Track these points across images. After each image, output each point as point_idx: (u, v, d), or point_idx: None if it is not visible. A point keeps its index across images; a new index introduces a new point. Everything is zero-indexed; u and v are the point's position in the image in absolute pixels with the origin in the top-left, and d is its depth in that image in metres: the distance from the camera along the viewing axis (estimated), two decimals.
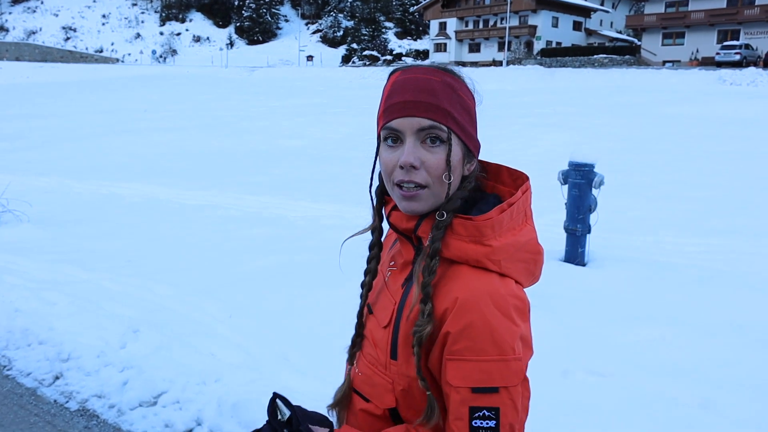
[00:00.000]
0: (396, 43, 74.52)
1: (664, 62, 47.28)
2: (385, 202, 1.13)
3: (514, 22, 58.16)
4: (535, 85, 35.07)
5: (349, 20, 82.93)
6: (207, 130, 19.03)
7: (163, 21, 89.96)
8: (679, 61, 46.58)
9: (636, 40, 57.67)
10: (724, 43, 39.75)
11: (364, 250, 1.17)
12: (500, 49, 58.96)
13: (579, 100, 24.55)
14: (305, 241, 6.73)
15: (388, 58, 61.27)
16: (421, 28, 79.42)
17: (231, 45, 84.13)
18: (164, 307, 4.53)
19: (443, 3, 64.15)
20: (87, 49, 78.87)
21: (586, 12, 61.17)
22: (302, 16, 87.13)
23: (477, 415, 0.94)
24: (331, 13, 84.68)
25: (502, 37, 58.23)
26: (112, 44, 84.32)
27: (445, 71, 1.02)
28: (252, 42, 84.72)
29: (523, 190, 1.05)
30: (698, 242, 6.52)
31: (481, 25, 62.45)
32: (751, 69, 31.15)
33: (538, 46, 56.77)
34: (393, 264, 1.13)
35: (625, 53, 50.20)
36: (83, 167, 13.15)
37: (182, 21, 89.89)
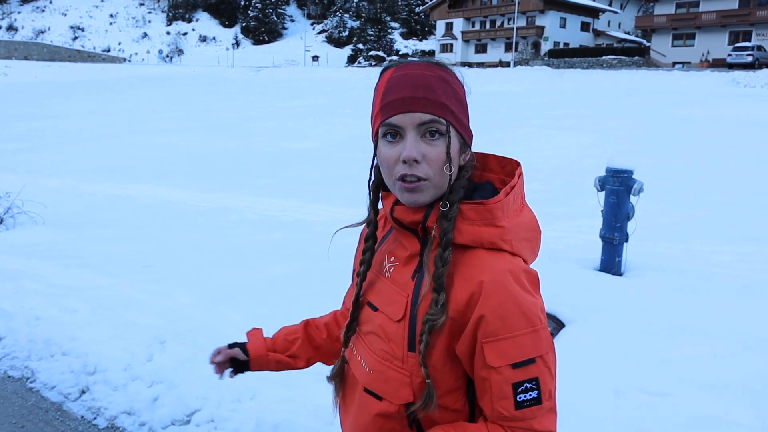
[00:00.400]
0: (401, 44, 74.34)
1: (674, 64, 46.96)
2: (380, 197, 1.17)
3: (522, 22, 57.91)
4: (543, 86, 34.79)
5: (354, 20, 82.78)
6: (215, 132, 18.90)
7: (170, 21, 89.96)
8: (690, 63, 46.24)
9: (645, 41, 57.34)
10: (736, 45, 39.42)
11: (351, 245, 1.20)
12: (507, 50, 58.71)
13: (589, 102, 24.31)
14: (324, 246, 6.57)
15: (394, 58, 61.12)
16: (427, 29, 79.21)
17: (237, 45, 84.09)
18: (188, 316, 4.38)
19: (450, 3, 63.92)
20: (94, 48, 78.93)
21: (595, 13, 60.87)
22: (308, 16, 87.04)
23: (520, 390, 0.98)
24: (337, 14, 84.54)
25: (509, 38, 57.98)
26: (120, 44, 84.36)
27: (438, 65, 1.05)
28: (258, 42, 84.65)
29: (518, 174, 1.10)
30: (731, 250, 6.33)
31: (488, 26, 62.20)
32: (765, 71, 30.80)
33: (546, 47, 56.50)
34: (393, 259, 1.14)
35: (634, 54, 49.85)
36: (94, 168, 13.03)
37: (189, 21, 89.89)
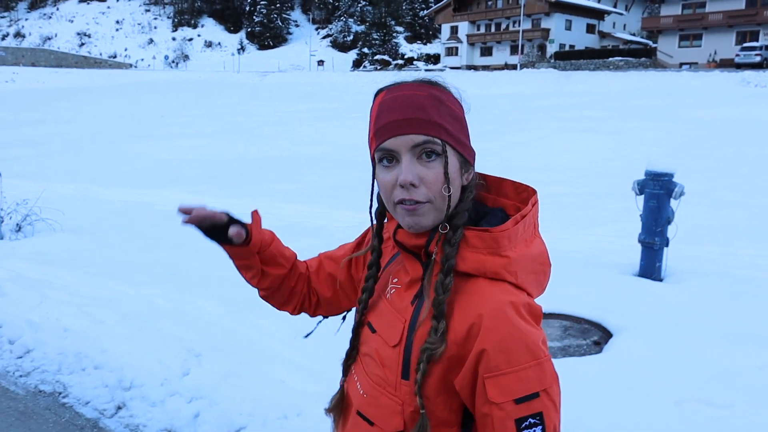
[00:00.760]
0: (406, 48, 74.32)
1: (681, 64, 46.73)
2: (383, 223, 1.16)
3: (527, 25, 57.77)
4: (551, 88, 34.63)
5: (359, 25, 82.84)
6: (227, 136, 18.81)
7: (176, 27, 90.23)
8: (697, 63, 46.01)
9: (651, 42, 57.16)
10: (744, 45, 39.19)
11: None
12: (512, 53, 58.59)
13: (601, 104, 24.14)
14: None
15: (400, 62, 61.04)
16: (431, 32, 79.18)
17: (242, 50, 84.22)
18: (221, 327, 4.24)
19: (455, 7, 63.87)
20: (101, 54, 79.17)
21: (600, 14, 60.72)
22: (312, 21, 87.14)
23: (524, 425, 0.94)
24: (341, 18, 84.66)
25: (515, 41, 57.87)
26: (126, 50, 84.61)
27: (430, 84, 1.02)
28: (263, 47, 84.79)
29: (533, 203, 1.05)
30: None
31: (493, 29, 62.10)
32: None
33: (551, 49, 56.37)
34: (396, 281, 1.12)
35: (641, 56, 49.76)
36: (108, 173, 12.94)
37: (194, 26, 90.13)
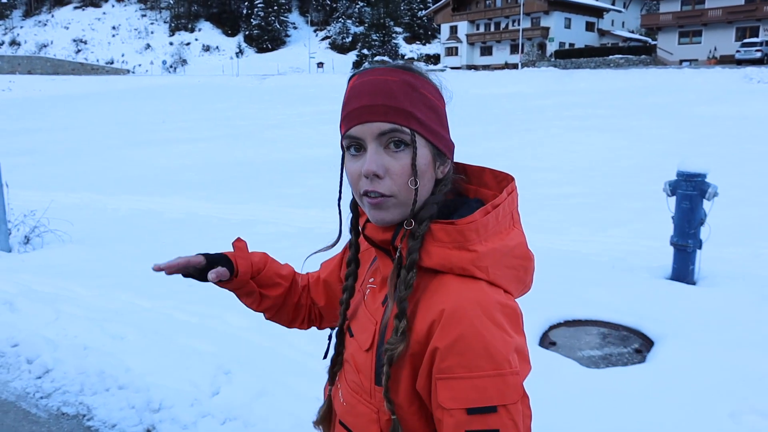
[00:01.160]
0: (406, 48, 74.20)
1: (681, 61, 46.65)
2: (360, 214, 1.09)
3: (527, 24, 57.69)
4: (554, 87, 34.53)
5: (357, 26, 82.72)
6: (229, 140, 18.65)
7: (173, 31, 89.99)
8: (697, 60, 45.92)
9: (650, 40, 57.11)
10: (745, 41, 39.07)
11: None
12: (512, 52, 58.50)
13: (605, 102, 24.02)
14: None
15: (400, 62, 60.88)
16: (430, 33, 79.06)
17: (240, 53, 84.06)
18: (248, 342, 4.08)
19: (454, 6, 63.77)
20: (98, 60, 78.95)
21: (599, 12, 60.64)
22: (311, 23, 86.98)
23: None
24: (340, 20, 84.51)
25: (515, 40, 57.79)
26: (123, 55, 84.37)
27: (405, 69, 0.96)
28: (261, 50, 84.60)
29: (509, 191, 0.98)
30: None
31: (493, 28, 62.00)
32: None
33: (551, 47, 56.28)
34: (372, 281, 1.07)
35: (641, 53, 49.69)
36: (111, 181, 12.77)
37: (191, 31, 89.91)
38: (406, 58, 64.77)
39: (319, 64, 65.55)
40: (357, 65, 67.50)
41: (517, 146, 13.83)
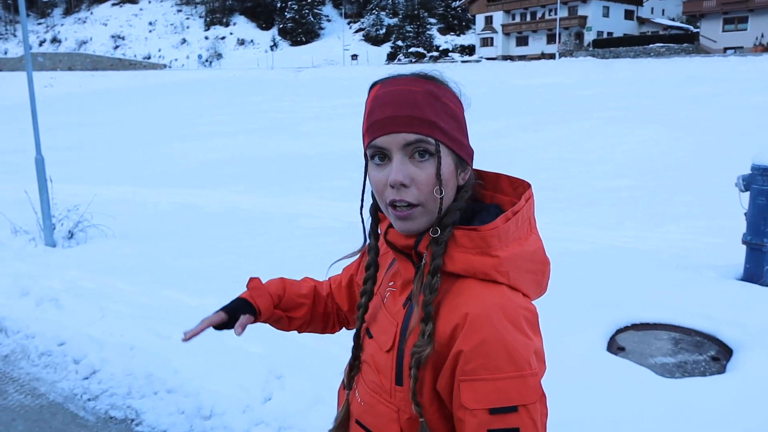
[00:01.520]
0: (440, 39, 73.49)
1: (725, 49, 45.09)
2: (380, 219, 1.11)
3: (563, 13, 56.54)
4: (594, 77, 33.65)
5: (391, 18, 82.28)
6: (268, 133, 18.63)
7: (208, 26, 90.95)
8: (742, 48, 44.30)
9: (692, 27, 55.38)
10: None
11: None
12: (549, 42, 57.43)
13: (649, 92, 23.26)
14: None
15: (435, 54, 60.39)
16: (464, 23, 78.18)
17: (275, 47, 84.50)
18: (300, 345, 3.92)
19: None
20: (135, 56, 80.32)
21: (638, 0, 59.05)
22: (344, 16, 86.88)
23: None
24: (373, 12, 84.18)
25: (551, 29, 56.68)
26: (159, 50, 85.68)
27: (427, 79, 0.97)
28: (295, 43, 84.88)
29: (526, 198, 1.00)
30: None
31: (529, 18, 60.94)
32: None
33: (589, 37, 55.05)
34: (392, 284, 1.09)
35: (683, 41, 48.21)
36: (152, 175, 12.83)
37: (226, 25, 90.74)
38: (440, 49, 64.16)
39: (353, 56, 65.43)
40: (392, 57, 67.18)
41: (560, 138, 13.43)
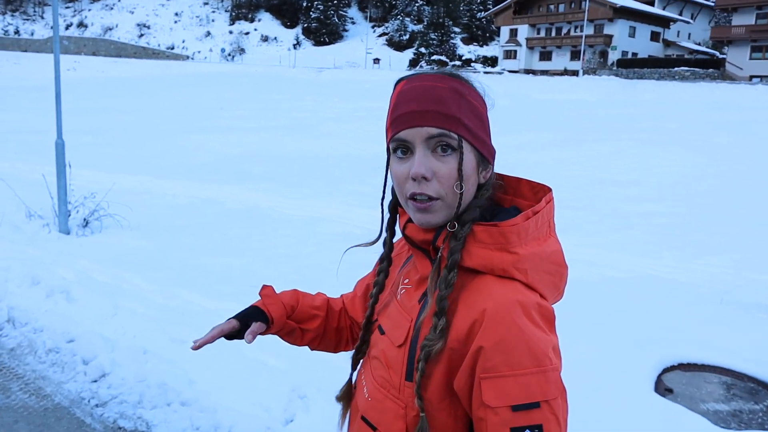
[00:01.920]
0: (464, 49, 73.24)
1: (751, 77, 44.50)
2: (398, 216, 1.12)
3: (589, 30, 56.07)
4: (617, 97, 33.31)
5: (415, 24, 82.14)
6: (290, 132, 18.45)
7: (233, 20, 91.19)
8: None
9: (717, 53, 54.79)
10: None
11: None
12: (572, 58, 57.01)
13: (675, 116, 22.91)
14: None
15: (457, 63, 60.15)
16: (488, 35, 77.87)
17: (297, 45, 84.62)
18: (325, 362, 3.65)
19: (515, 9, 62.55)
20: (159, 45, 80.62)
21: (665, 22, 58.56)
22: (369, 19, 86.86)
23: None
24: (398, 17, 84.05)
25: (576, 46, 56.28)
26: (183, 41, 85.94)
27: (452, 77, 0.99)
28: (318, 43, 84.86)
29: (547, 200, 1.01)
30: None
31: (554, 33, 60.55)
32: None
33: (613, 56, 54.62)
34: (407, 281, 1.09)
35: (708, 66, 47.67)
36: (170, 166, 12.66)
37: (251, 21, 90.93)
38: (463, 59, 63.91)
39: (376, 60, 65.31)
40: (414, 63, 67.00)
41: (587, 157, 13.13)
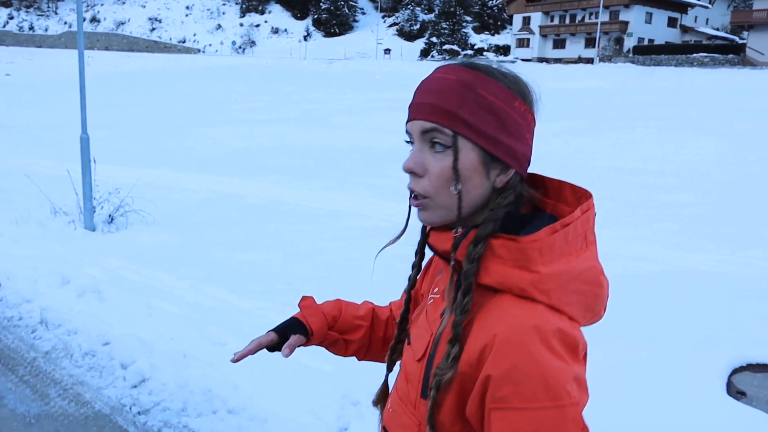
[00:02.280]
0: (476, 38, 72.59)
1: None
2: None
3: (604, 17, 55.29)
4: (635, 84, 32.83)
5: (426, 14, 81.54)
6: (305, 124, 18.29)
7: (243, 13, 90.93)
8: None
9: (737, 38, 53.88)
10: None
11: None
12: (587, 46, 56.31)
13: (696, 102, 22.47)
14: None
15: (469, 52, 59.58)
16: (500, 23, 77.13)
17: (308, 37, 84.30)
18: (373, 364, 3.50)
19: None
20: (170, 39, 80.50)
21: (683, 7, 57.59)
22: (379, 9, 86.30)
23: None
24: (408, 6, 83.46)
25: (590, 33, 55.55)
26: (194, 35, 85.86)
27: (468, 67, 0.91)
28: (328, 34, 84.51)
29: (583, 210, 0.90)
30: None
31: (568, 20, 59.79)
32: None
33: (629, 43, 53.86)
34: (437, 291, 1.03)
35: (728, 52, 46.85)
36: (186, 159, 12.55)
37: (261, 13, 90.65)
38: (475, 48, 63.34)
39: (386, 51, 64.87)
40: (425, 53, 66.52)
41: (612, 145, 12.86)
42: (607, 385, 3.33)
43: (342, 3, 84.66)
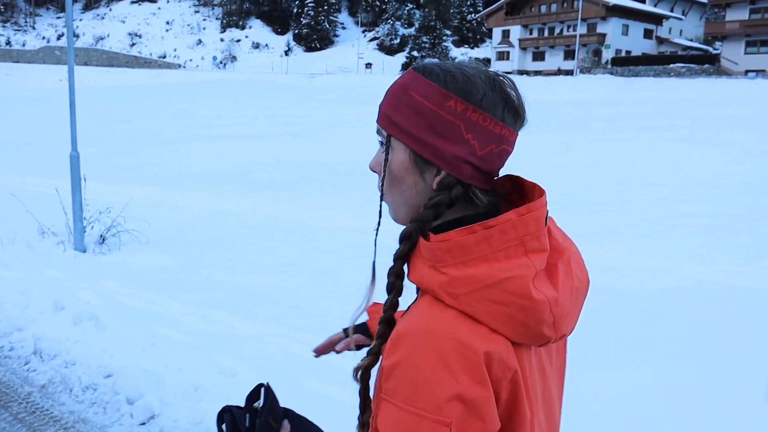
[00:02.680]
0: (456, 51, 73.14)
1: (747, 71, 44.55)
2: None
3: (582, 29, 56.01)
4: (616, 95, 33.14)
5: (406, 28, 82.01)
6: (294, 139, 18.08)
7: (224, 28, 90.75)
8: (765, 71, 43.72)
9: (710, 49, 54.90)
10: None
11: None
12: (566, 58, 56.96)
13: (680, 112, 22.64)
14: None
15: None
16: (479, 36, 77.84)
17: (289, 52, 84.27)
18: None
19: (507, 10, 62.49)
20: (151, 54, 79.97)
21: (658, 19, 58.61)
22: (360, 24, 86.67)
23: None
24: (389, 21, 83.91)
25: (569, 45, 56.23)
26: (175, 50, 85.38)
27: (414, 69, 0.91)
28: (309, 49, 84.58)
29: (520, 213, 0.83)
30: None
31: (547, 33, 60.48)
32: None
33: (607, 55, 54.60)
34: None
35: (703, 62, 47.71)
36: (176, 176, 12.28)
37: (242, 28, 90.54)
38: (456, 60, 63.76)
39: (368, 65, 65.01)
40: (406, 67, 66.78)
41: (605, 158, 12.83)
42: (649, 403, 3.16)
43: (322, 18, 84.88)
